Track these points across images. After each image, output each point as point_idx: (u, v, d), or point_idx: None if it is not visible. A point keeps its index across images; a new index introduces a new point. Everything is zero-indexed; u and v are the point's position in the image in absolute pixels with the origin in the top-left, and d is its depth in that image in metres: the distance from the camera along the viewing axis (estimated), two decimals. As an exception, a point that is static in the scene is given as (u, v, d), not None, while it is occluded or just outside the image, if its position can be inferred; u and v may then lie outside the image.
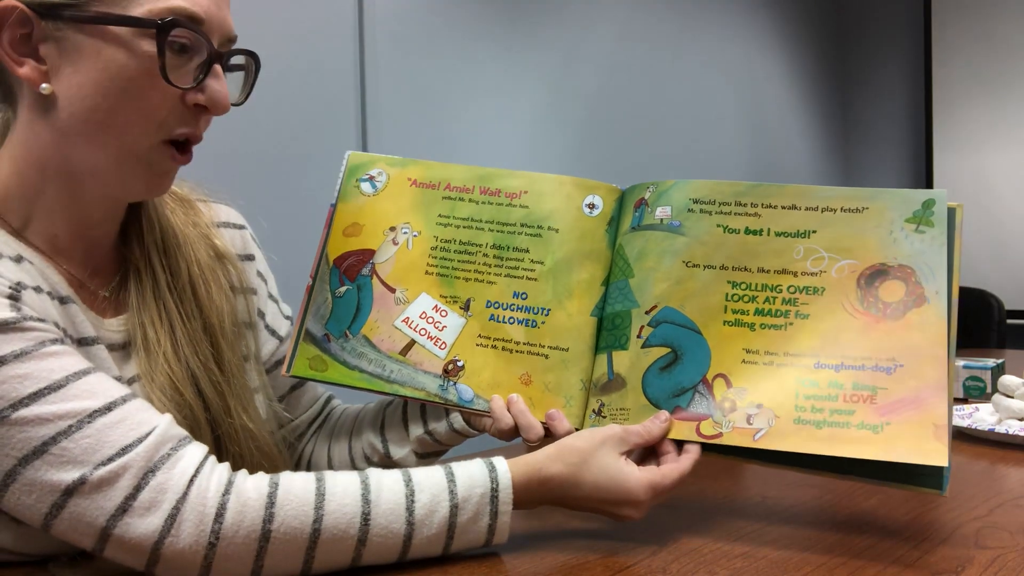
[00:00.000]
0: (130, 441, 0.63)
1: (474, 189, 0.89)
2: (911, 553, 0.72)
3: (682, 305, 0.80)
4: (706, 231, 0.81)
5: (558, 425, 0.80)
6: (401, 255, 0.88)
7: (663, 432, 0.77)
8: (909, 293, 0.74)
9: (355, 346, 0.87)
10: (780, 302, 0.78)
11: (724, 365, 0.77)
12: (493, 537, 0.70)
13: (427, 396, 0.85)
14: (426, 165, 0.91)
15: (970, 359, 1.57)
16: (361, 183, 0.91)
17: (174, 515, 0.62)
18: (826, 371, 0.74)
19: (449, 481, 0.69)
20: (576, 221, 0.86)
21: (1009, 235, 3.74)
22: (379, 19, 2.17)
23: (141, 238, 0.81)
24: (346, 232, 0.90)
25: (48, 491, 0.61)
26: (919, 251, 0.75)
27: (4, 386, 0.62)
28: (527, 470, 0.72)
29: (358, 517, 0.66)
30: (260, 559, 0.64)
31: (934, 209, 0.76)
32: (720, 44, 3.41)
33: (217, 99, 0.73)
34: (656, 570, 0.68)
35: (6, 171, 0.74)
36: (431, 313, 0.86)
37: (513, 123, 2.56)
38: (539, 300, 0.85)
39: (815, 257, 0.78)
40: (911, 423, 0.71)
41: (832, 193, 0.79)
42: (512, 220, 0.87)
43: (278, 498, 0.64)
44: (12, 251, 0.70)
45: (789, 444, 0.73)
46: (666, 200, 0.83)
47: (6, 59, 0.70)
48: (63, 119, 0.71)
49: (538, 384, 0.83)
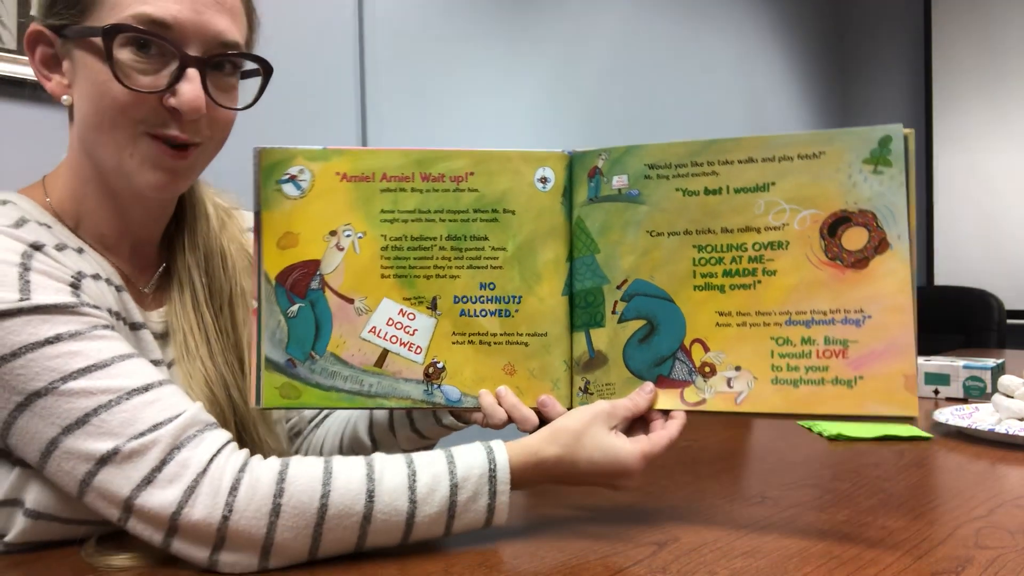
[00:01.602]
0: (161, 420, 0.69)
1: (414, 176, 0.82)
2: (911, 553, 0.72)
3: (651, 276, 0.80)
4: (665, 197, 0.80)
5: (550, 410, 0.81)
6: (350, 261, 0.82)
7: (649, 403, 0.80)
8: (872, 239, 0.74)
9: (325, 366, 0.82)
10: (746, 260, 0.78)
11: (699, 330, 0.79)
12: (493, 516, 0.73)
13: (413, 404, 0.82)
14: (353, 154, 0.82)
15: (970, 359, 1.57)
16: (282, 185, 0.82)
17: (192, 488, 0.67)
18: (797, 327, 0.76)
19: (449, 462, 0.73)
20: (531, 199, 0.82)
21: (1009, 235, 3.74)
22: (379, 19, 2.17)
23: (183, 253, 0.88)
24: (281, 244, 0.82)
25: (84, 459, 0.67)
26: (879, 193, 0.74)
27: (58, 360, 0.68)
28: (524, 453, 0.75)
29: (363, 494, 0.69)
30: (271, 534, 0.67)
31: (891, 147, 0.74)
32: (719, 43, 3.41)
33: (185, 101, 0.76)
34: (656, 570, 0.68)
35: (61, 180, 0.83)
36: (398, 318, 0.82)
37: (513, 122, 2.56)
38: (508, 288, 0.83)
39: (777, 210, 0.77)
40: (882, 376, 0.73)
41: (788, 140, 0.77)
42: (463, 206, 0.82)
43: (288, 475, 0.69)
44: (75, 244, 0.79)
45: (769, 406, 0.76)
46: (621, 168, 0.81)
47: (37, 75, 0.81)
48: (78, 126, 0.80)
49: (523, 372, 0.83)
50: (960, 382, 1.50)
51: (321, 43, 2.07)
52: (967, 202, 3.85)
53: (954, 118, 3.90)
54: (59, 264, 0.73)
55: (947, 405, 1.41)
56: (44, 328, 0.68)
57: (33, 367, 0.68)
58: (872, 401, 0.73)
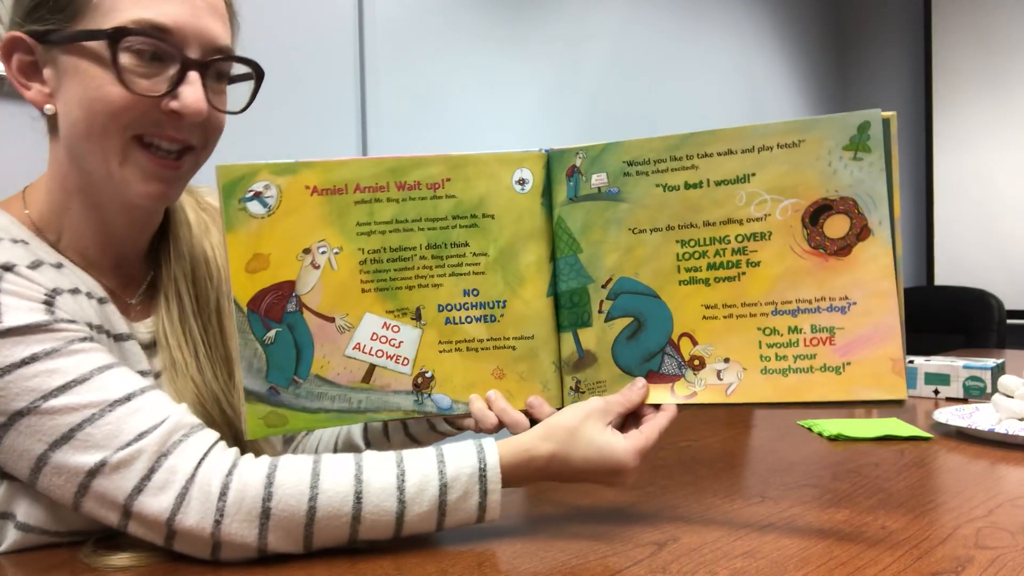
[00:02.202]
0: (146, 428, 0.69)
1: (389, 186, 0.79)
2: (911, 553, 0.72)
3: (636, 273, 0.81)
4: (646, 193, 0.80)
5: (539, 411, 0.82)
6: (327, 279, 0.79)
7: (641, 398, 0.80)
8: (854, 226, 0.74)
9: (310, 388, 0.79)
10: (730, 253, 0.78)
11: (686, 324, 0.79)
12: (485, 514, 0.73)
13: (405, 415, 0.82)
14: (322, 166, 0.78)
15: (970, 359, 1.57)
16: (247, 203, 0.77)
17: (183, 494, 0.68)
18: (784, 317, 0.77)
19: (439, 462, 0.73)
20: (510, 203, 0.81)
21: (1009, 235, 3.74)
22: (379, 19, 2.17)
23: (169, 264, 0.86)
24: (250, 267, 0.77)
25: (74, 473, 0.68)
26: (859, 180, 0.74)
27: (36, 380, 0.68)
28: (516, 451, 0.75)
29: (351, 496, 0.70)
30: (264, 535, 0.68)
31: (870, 132, 0.73)
32: (720, 43, 3.41)
33: (187, 103, 0.75)
34: (656, 570, 0.68)
35: (41, 191, 0.81)
36: (382, 332, 0.80)
37: (513, 123, 2.56)
38: (492, 293, 0.82)
39: (758, 201, 0.77)
40: (870, 360, 0.74)
41: (767, 130, 0.77)
42: (441, 214, 0.80)
43: (276, 478, 0.69)
44: (54, 259, 0.78)
45: (759, 395, 0.77)
46: (600, 166, 0.81)
47: (15, 84, 0.78)
48: (65, 135, 0.77)
49: (512, 376, 0.83)
50: (960, 382, 1.50)
51: (321, 43, 2.07)
52: (967, 202, 3.85)
53: (954, 118, 3.90)
54: (31, 283, 0.72)
55: (947, 405, 1.41)
56: (18, 350, 0.68)
57: (12, 388, 0.68)
58: (860, 386, 0.74)
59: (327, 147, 2.04)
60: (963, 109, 3.87)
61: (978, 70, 3.83)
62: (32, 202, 0.81)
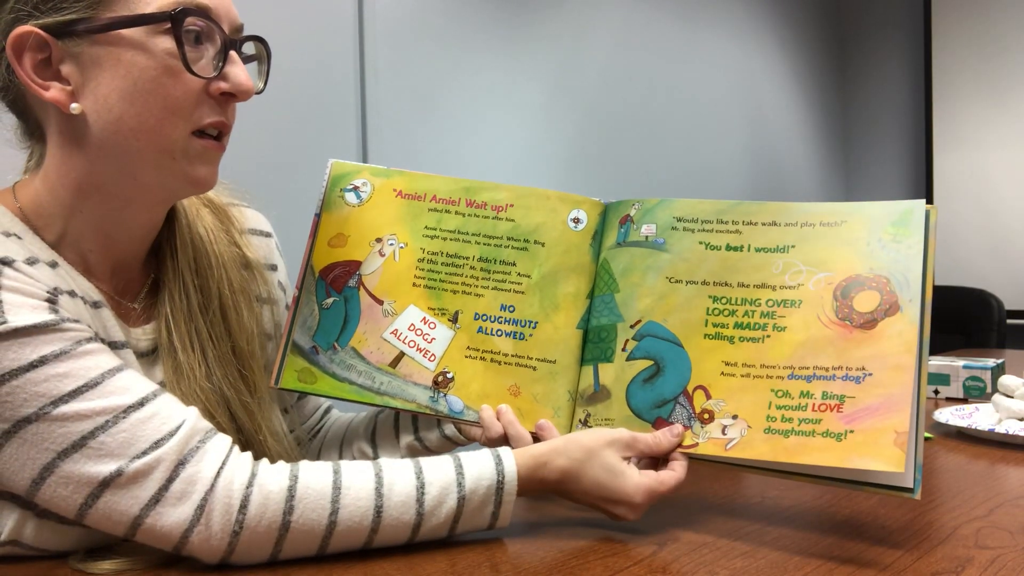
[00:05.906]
0: (162, 435, 0.66)
1: (460, 201, 0.89)
2: (911, 553, 0.72)
3: (665, 319, 0.82)
4: (689, 248, 0.83)
5: (547, 436, 0.82)
6: (388, 267, 0.88)
7: (672, 446, 0.78)
8: (883, 302, 0.75)
9: (344, 358, 0.87)
10: (759, 315, 0.79)
11: (704, 377, 0.79)
12: (496, 522, 0.74)
13: (418, 408, 0.86)
14: (411, 176, 0.91)
15: (970, 359, 1.57)
16: (345, 193, 0.90)
17: (203, 506, 0.65)
18: (798, 381, 0.76)
19: (458, 474, 0.72)
20: (561, 235, 0.88)
21: (1009, 235, 3.74)
22: (379, 19, 2.17)
23: (175, 256, 0.83)
24: (331, 243, 0.89)
25: (85, 483, 0.65)
26: (895, 259, 0.76)
27: (46, 384, 0.65)
28: (533, 462, 0.75)
29: (371, 510, 0.69)
30: (279, 545, 0.68)
31: (911, 219, 0.76)
32: (720, 46, 3.41)
33: (240, 83, 0.74)
34: (656, 570, 0.68)
35: (39, 189, 0.75)
36: (419, 325, 0.87)
37: (512, 125, 2.56)
38: (526, 313, 0.86)
39: (793, 271, 0.79)
40: (873, 430, 0.71)
41: (812, 209, 0.80)
42: (498, 233, 0.88)
43: (298, 491, 0.68)
44: (48, 257, 0.73)
45: (757, 453, 0.75)
46: (651, 218, 0.85)
47: (32, 86, 0.70)
48: (96, 134, 0.71)
49: (527, 395, 0.85)
50: (960, 382, 1.50)
51: (321, 43, 2.07)
52: (967, 202, 3.85)
53: (954, 118, 3.90)
54: (32, 279, 0.67)
55: (947, 405, 1.41)
56: (26, 352, 0.64)
57: (20, 394, 0.64)
58: (857, 455, 0.71)
59: (327, 147, 2.04)
60: (963, 109, 3.87)
61: (978, 70, 3.83)
62: (24, 197, 0.75)
